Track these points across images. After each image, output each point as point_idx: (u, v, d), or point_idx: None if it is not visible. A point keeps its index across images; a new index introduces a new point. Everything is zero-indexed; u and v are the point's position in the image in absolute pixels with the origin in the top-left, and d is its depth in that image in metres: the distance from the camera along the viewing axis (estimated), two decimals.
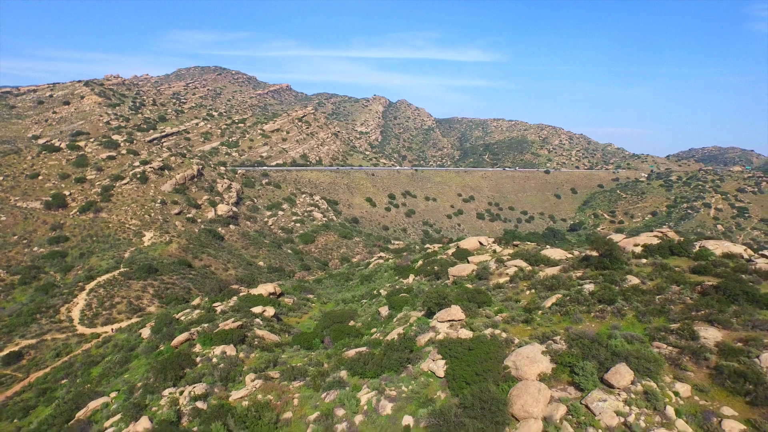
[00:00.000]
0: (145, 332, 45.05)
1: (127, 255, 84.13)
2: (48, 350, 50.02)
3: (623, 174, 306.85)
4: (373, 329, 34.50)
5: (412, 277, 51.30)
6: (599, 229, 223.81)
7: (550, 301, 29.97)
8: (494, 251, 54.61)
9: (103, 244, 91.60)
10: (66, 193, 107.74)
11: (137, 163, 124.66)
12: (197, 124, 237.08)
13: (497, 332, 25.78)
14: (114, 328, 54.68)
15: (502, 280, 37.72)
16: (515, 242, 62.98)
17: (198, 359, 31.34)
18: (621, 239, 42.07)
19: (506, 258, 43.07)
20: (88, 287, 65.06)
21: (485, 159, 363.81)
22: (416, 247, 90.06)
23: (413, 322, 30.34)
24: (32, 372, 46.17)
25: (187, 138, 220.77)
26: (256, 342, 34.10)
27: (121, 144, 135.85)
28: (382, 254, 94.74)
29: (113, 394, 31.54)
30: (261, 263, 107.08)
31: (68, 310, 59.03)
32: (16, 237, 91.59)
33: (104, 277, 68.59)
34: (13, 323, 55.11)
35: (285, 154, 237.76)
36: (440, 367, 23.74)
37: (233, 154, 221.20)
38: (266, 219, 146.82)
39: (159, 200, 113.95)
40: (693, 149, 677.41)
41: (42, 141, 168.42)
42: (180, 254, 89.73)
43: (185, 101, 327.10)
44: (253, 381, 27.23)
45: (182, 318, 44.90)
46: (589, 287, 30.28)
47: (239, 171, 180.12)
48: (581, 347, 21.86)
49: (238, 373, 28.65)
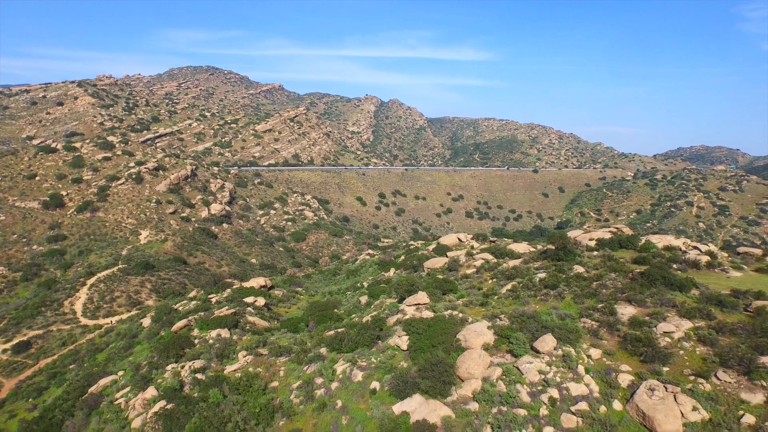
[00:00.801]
0: (146, 321, 48.89)
1: (125, 252, 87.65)
2: (54, 340, 53.74)
3: (610, 173, 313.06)
4: (353, 315, 38.66)
5: (393, 271, 55.46)
6: (585, 227, 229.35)
7: (506, 288, 34.34)
8: (472, 247, 58.88)
9: (101, 243, 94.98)
10: (63, 193, 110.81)
11: (132, 164, 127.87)
12: (190, 125, 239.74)
13: (455, 313, 30.08)
14: (115, 320, 58.42)
15: (470, 271, 42.05)
16: (492, 239, 67.49)
17: (196, 341, 35.31)
18: (579, 234, 46.54)
19: (476, 252, 47.37)
20: (89, 282, 68.68)
21: (475, 158, 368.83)
22: (404, 245, 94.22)
23: (385, 307, 34.56)
24: (41, 359, 49.90)
25: (181, 138, 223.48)
26: (248, 327, 38.13)
27: (116, 145, 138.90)
28: (370, 251, 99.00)
29: (120, 373, 35.44)
30: (253, 260, 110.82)
31: (71, 304, 62.68)
32: (16, 236, 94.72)
33: (104, 273, 72.20)
34: (20, 316, 58.69)
35: (277, 154, 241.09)
36: (404, 342, 27.96)
37: (226, 155, 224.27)
38: (258, 218, 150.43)
39: (154, 200, 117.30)
40: (681, 148, 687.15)
41: (36, 142, 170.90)
42: (175, 252, 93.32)
43: (178, 101, 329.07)
44: (245, 357, 31.36)
45: (180, 308, 48.75)
46: (541, 276, 34.65)
47: (232, 171, 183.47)
48: (519, 323, 26.19)
49: (232, 351, 32.72)
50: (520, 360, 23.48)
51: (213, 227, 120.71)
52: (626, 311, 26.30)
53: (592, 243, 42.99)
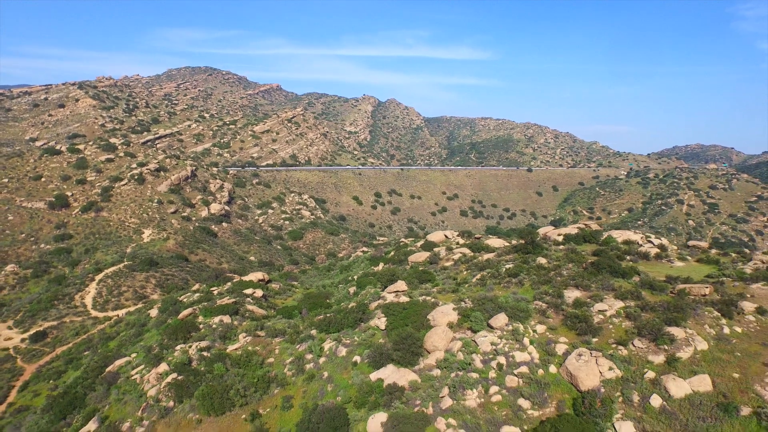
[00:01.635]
0: (153, 312, 53.11)
1: (129, 250, 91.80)
2: (68, 330, 57.88)
3: (604, 172, 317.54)
4: (342, 303, 42.94)
5: (382, 265, 59.59)
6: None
7: (476, 277, 38.68)
8: (457, 243, 63.16)
9: (106, 241, 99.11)
10: (68, 194, 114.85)
11: (134, 165, 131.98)
12: (189, 126, 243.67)
13: (428, 298, 34.41)
14: (123, 312, 62.64)
15: (448, 264, 46.38)
16: (477, 236, 71.70)
17: (201, 326, 39.55)
18: (549, 230, 50.91)
19: (455, 247, 51.69)
20: (98, 278, 72.81)
21: (471, 158, 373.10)
22: (395, 242, 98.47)
23: (369, 294, 38.87)
24: (57, 347, 54.01)
25: (180, 139, 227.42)
26: (247, 314, 42.42)
27: (119, 147, 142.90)
28: (364, 248, 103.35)
29: (133, 355, 39.66)
30: (252, 258, 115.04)
31: (82, 298, 66.84)
32: (24, 235, 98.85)
33: (111, 270, 76.34)
34: (35, 309, 62.81)
35: (275, 155, 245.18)
36: (382, 323, 32.27)
37: (225, 155, 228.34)
38: (257, 217, 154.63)
39: (156, 200, 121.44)
40: (677, 147, 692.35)
41: (39, 143, 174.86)
42: (177, 249, 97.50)
43: (177, 103, 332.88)
44: (245, 338, 35.66)
45: (185, 300, 52.97)
46: (508, 266, 38.98)
47: (231, 171, 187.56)
48: (480, 305, 30.49)
49: (233, 334, 37.00)
50: (477, 335, 27.80)
51: (213, 226, 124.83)
52: (572, 294, 30.62)
53: (560, 238, 47.39)
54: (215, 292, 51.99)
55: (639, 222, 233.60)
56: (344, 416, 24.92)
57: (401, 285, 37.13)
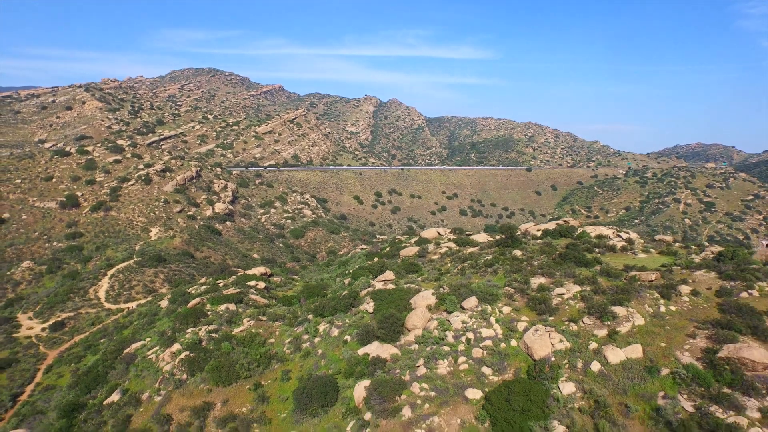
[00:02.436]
0: (164, 303, 57.26)
1: (138, 247, 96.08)
2: (84, 320, 62.09)
3: (602, 171, 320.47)
4: (337, 292, 47.01)
5: (377, 259, 63.68)
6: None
7: (458, 268, 42.68)
8: (449, 239, 67.17)
9: (115, 239, 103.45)
10: (78, 194, 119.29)
11: (141, 166, 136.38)
12: (193, 127, 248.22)
13: (412, 286, 38.44)
14: (134, 304, 66.82)
15: (435, 257, 50.40)
16: (468, 232, 75.58)
17: (209, 312, 43.65)
18: (530, 226, 54.85)
19: (443, 242, 55.69)
20: (109, 273, 77.06)
21: (471, 157, 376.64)
22: (391, 239, 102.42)
23: (360, 283, 42.92)
24: (75, 335, 58.20)
25: (185, 141, 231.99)
26: (251, 303, 46.52)
27: (126, 148, 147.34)
28: (364, 246, 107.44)
29: (148, 339, 43.79)
30: (255, 255, 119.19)
31: (95, 291, 71.07)
32: (37, 233, 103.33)
33: (121, 265, 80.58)
34: (52, 301, 67.10)
35: (277, 155, 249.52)
36: (371, 307, 36.32)
37: (228, 156, 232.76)
38: (260, 216, 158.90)
39: (162, 199, 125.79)
40: (678, 146, 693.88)
41: (48, 145, 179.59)
42: (183, 247, 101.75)
43: (180, 104, 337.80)
44: (249, 322, 39.76)
45: (192, 291, 57.05)
46: (486, 258, 42.96)
47: (234, 172, 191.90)
48: (455, 290, 34.48)
49: (238, 319, 41.09)
50: (451, 315, 31.82)
51: (217, 225, 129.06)
52: (538, 281, 34.59)
53: (539, 233, 51.33)
54: (221, 285, 56.06)
55: (636, 220, 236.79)
56: (334, 384, 28.96)
57: (389, 275, 41.17)
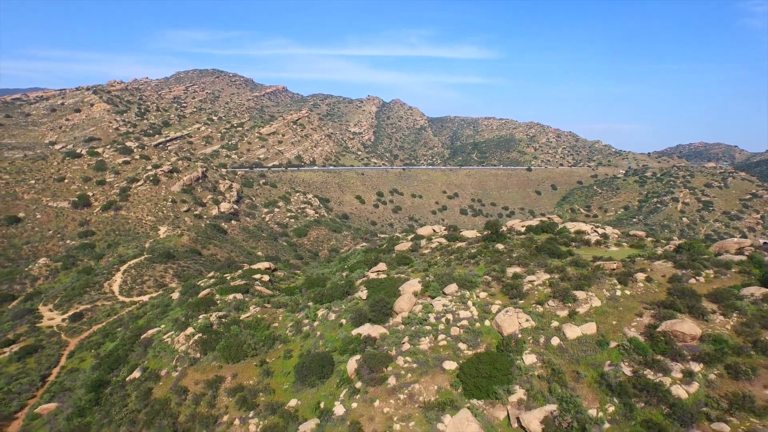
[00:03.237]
0: (175, 295, 61.52)
1: (148, 245, 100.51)
2: (100, 312, 66.45)
3: (602, 171, 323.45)
4: (336, 283, 51.08)
5: (373, 254, 67.78)
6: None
7: (444, 261, 46.65)
8: (441, 235, 71.09)
9: (126, 237, 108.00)
10: (89, 194, 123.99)
11: (149, 167, 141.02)
12: (199, 129, 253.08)
13: (402, 276, 42.46)
14: (147, 298, 71.15)
15: (426, 251, 54.40)
16: (461, 230, 79.41)
17: (218, 301, 47.83)
18: (515, 223, 58.77)
19: (434, 238, 59.70)
20: (122, 269, 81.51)
21: (473, 157, 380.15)
22: (389, 236, 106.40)
23: (356, 274, 47.01)
24: (93, 325, 62.52)
25: (190, 142, 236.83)
26: (256, 293, 50.67)
27: (134, 150, 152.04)
28: (365, 244, 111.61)
29: (162, 326, 48.05)
30: (259, 253, 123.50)
31: (110, 285, 75.47)
32: (51, 232, 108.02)
33: (133, 262, 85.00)
34: (70, 294, 71.52)
35: (281, 156, 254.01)
36: (364, 294, 40.37)
37: (233, 157, 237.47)
38: (264, 215, 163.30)
39: (170, 199, 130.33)
40: (681, 145, 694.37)
41: (58, 147, 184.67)
42: (191, 245, 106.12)
43: (185, 105, 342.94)
44: (254, 308, 43.91)
45: (202, 284, 61.23)
46: (471, 251, 46.94)
47: (239, 172, 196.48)
48: (439, 279, 38.49)
49: (245, 306, 45.24)
50: (434, 299, 35.82)
51: (223, 224, 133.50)
52: (513, 270, 38.53)
53: (523, 229, 55.26)
54: (228, 278, 60.25)
55: (634, 219, 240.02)
56: (330, 359, 33.06)
57: (382, 266, 45.22)
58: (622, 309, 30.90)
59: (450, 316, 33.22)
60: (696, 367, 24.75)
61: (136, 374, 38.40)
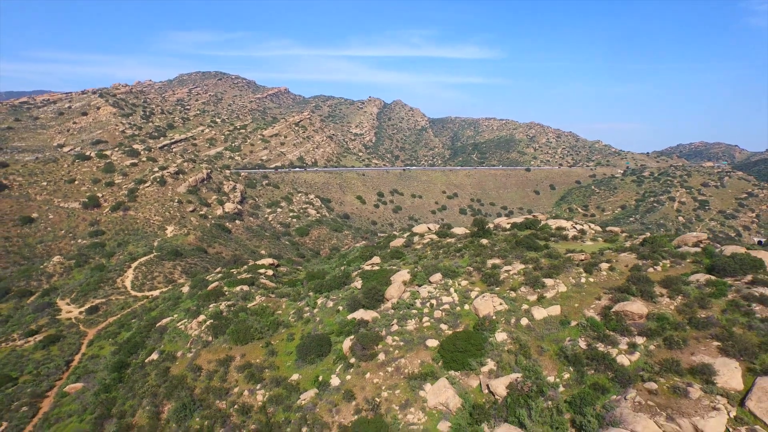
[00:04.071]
0: (185, 289, 65.83)
1: (156, 244, 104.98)
2: (115, 305, 70.85)
3: (601, 171, 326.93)
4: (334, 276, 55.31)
5: (369, 250, 71.96)
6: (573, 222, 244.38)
7: (433, 254, 50.86)
8: (435, 232, 75.21)
9: (135, 236, 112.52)
10: (99, 195, 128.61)
11: (156, 169, 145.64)
12: (202, 131, 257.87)
13: (393, 267, 46.66)
14: (157, 293, 75.57)
15: (418, 247, 58.60)
16: (453, 228, 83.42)
17: (226, 293, 52.12)
18: (502, 221, 62.93)
19: (427, 234, 63.91)
20: (133, 266, 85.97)
21: (473, 158, 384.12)
22: (387, 234, 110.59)
23: (353, 267, 51.26)
24: (108, 317, 66.93)
25: (194, 144, 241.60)
26: (261, 285, 54.98)
27: (141, 152, 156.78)
28: (364, 242, 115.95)
29: (175, 315, 52.37)
30: (263, 252, 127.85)
31: (122, 281, 79.94)
32: (63, 231, 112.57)
33: (143, 259, 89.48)
34: (85, 289, 75.99)
35: (283, 157, 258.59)
36: (359, 284, 44.60)
37: (236, 158, 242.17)
38: (267, 215, 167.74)
39: (176, 200, 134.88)
40: (681, 145, 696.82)
41: (67, 149, 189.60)
42: (197, 243, 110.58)
43: (189, 108, 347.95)
44: (260, 298, 48.19)
45: (210, 278, 65.65)
46: (458, 246, 51.12)
47: (242, 173, 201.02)
48: (426, 269, 42.70)
49: (251, 297, 49.52)
50: (421, 287, 40.03)
51: (227, 223, 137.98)
52: (493, 261, 42.71)
53: (508, 225, 59.43)
54: (235, 272, 64.61)
55: (631, 219, 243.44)
56: (328, 340, 37.28)
57: (376, 260, 49.47)
58: (585, 294, 35.03)
59: (434, 302, 37.41)
60: (640, 340, 28.86)
61: (154, 356, 42.70)
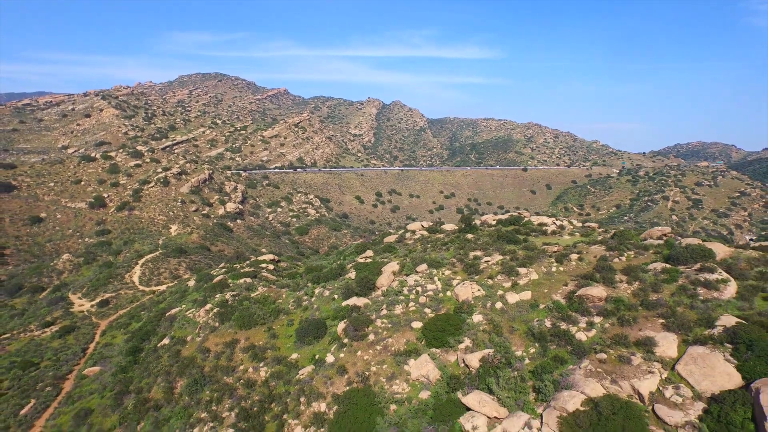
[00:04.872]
0: (191, 283, 69.83)
1: (161, 242, 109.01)
2: (124, 299, 74.89)
3: (597, 170, 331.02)
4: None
5: (364, 245, 75.93)
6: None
7: (422, 248, 54.87)
8: (426, 229, 79.12)
9: (140, 235, 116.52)
10: (104, 195, 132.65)
11: (160, 170, 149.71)
12: (203, 132, 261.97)
13: (384, 260, 50.68)
14: (164, 287, 79.53)
15: (409, 242, 62.62)
16: (443, 225, 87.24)
17: (231, 285, 56.13)
18: (489, 218, 66.94)
19: (418, 230, 67.94)
20: (140, 262, 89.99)
21: (471, 158, 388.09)
22: (382, 233, 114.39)
23: (348, 260, 55.28)
24: (119, 310, 70.96)
25: (195, 145, 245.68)
26: (263, 278, 58.99)
27: (145, 154, 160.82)
28: (361, 240, 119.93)
29: (184, 306, 56.38)
30: (263, 250, 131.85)
31: (130, 277, 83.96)
32: (71, 230, 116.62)
33: (149, 256, 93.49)
34: (95, 285, 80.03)
35: (283, 158, 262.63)
36: (353, 275, 48.60)
37: (237, 159, 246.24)
38: (267, 215, 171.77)
39: (179, 200, 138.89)
40: (679, 144, 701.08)
41: (71, 151, 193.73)
42: (200, 242, 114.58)
43: (190, 109, 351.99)
44: (262, 288, 52.20)
45: (215, 273, 69.65)
46: (446, 240, 55.13)
47: (243, 174, 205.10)
48: (413, 260, 46.72)
49: (254, 288, 53.53)
50: (408, 276, 44.04)
51: (229, 222, 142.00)
52: (474, 253, 46.72)
53: (494, 222, 63.44)
54: (238, 267, 68.62)
55: (625, 217, 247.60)
56: (324, 324, 41.30)
57: (369, 253, 53.49)
58: (554, 281, 39.02)
59: (419, 289, 41.40)
60: (597, 320, 32.86)
61: (166, 341, 46.71)
